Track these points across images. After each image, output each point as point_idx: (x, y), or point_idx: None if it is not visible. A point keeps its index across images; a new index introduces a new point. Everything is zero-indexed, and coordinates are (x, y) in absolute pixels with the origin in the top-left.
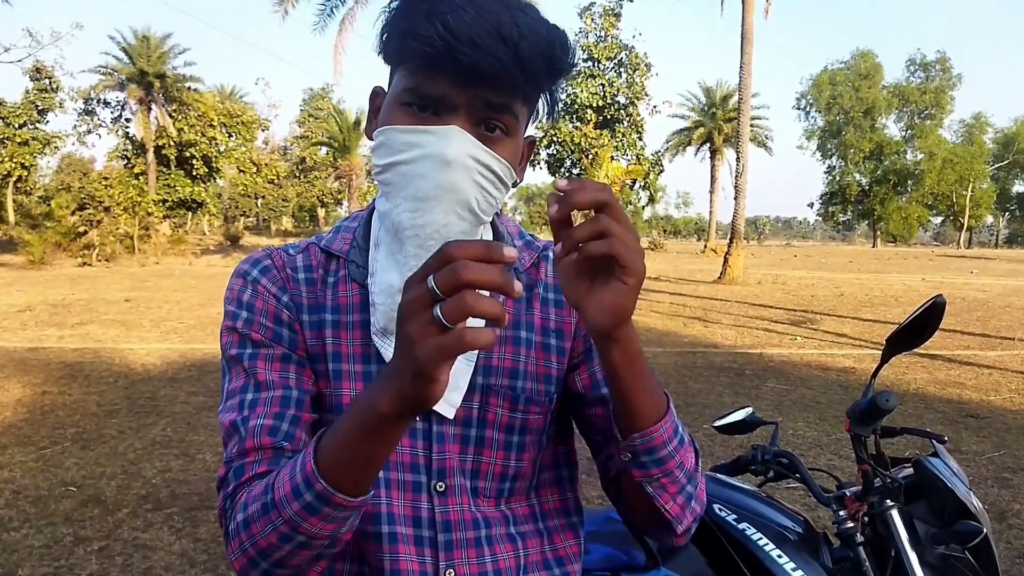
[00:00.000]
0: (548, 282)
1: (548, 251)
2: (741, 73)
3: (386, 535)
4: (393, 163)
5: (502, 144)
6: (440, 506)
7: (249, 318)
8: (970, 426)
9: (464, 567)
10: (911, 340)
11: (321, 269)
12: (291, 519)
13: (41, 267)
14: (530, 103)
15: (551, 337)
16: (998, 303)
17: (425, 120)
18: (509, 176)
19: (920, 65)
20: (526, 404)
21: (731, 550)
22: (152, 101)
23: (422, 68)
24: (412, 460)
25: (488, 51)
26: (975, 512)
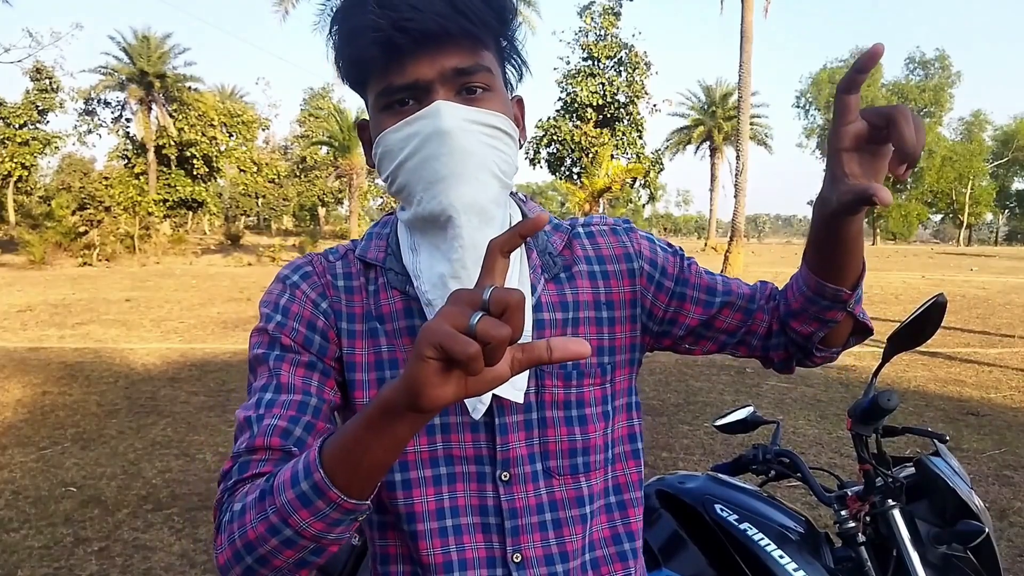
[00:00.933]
0: (589, 256)
1: (577, 228)
2: (741, 71)
3: (451, 528)
4: (400, 163)
5: (488, 100)
6: (506, 495)
7: (282, 322)
8: (970, 424)
9: (531, 551)
10: (912, 339)
11: (361, 277)
12: (283, 507)
13: (42, 267)
14: (495, 52)
15: (602, 310)
16: (998, 300)
17: (410, 112)
18: (511, 128)
19: (919, 63)
20: (579, 379)
21: (732, 550)
22: (152, 101)
23: (384, 63)
24: (476, 453)
25: (429, 11)
26: (977, 511)
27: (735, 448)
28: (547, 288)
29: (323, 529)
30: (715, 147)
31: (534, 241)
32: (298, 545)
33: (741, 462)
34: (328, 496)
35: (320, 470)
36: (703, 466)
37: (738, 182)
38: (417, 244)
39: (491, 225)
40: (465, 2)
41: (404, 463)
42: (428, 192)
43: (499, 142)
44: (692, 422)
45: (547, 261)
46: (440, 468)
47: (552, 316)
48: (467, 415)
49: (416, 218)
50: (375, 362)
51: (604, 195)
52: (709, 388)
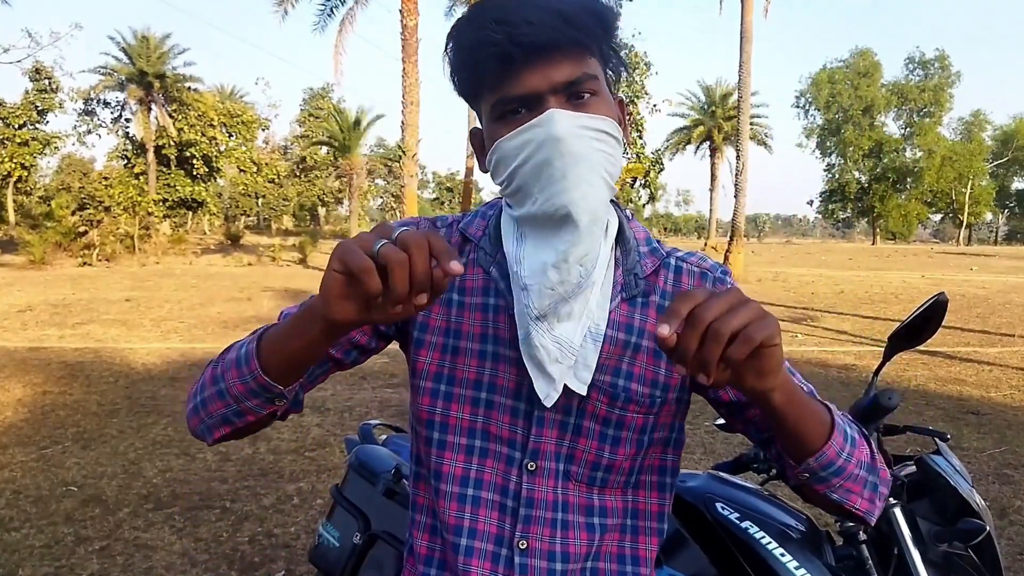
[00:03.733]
0: (667, 290)
1: (671, 258)
2: (740, 71)
3: (471, 497)
4: (515, 169)
5: (595, 104)
6: (527, 483)
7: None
8: (971, 423)
9: (536, 541)
10: (913, 338)
11: (457, 250)
12: (225, 363)
13: (41, 267)
14: (600, 59)
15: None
16: (998, 300)
17: (524, 120)
18: (617, 132)
19: (919, 63)
20: (625, 402)
21: (734, 549)
22: (152, 101)
23: (499, 74)
24: (511, 436)
25: (541, 23)
26: (978, 510)
27: (736, 447)
28: (620, 307)
29: (242, 392)
30: (715, 147)
31: (624, 259)
32: (225, 400)
33: (742, 461)
34: (251, 364)
35: (255, 342)
36: (704, 465)
37: (738, 182)
38: (524, 234)
39: (598, 224)
40: (575, 14)
41: (445, 424)
42: (544, 193)
43: (606, 145)
44: (693, 421)
45: (629, 281)
46: (476, 440)
47: (615, 334)
48: (511, 399)
49: (530, 215)
50: (444, 328)
51: None
52: None
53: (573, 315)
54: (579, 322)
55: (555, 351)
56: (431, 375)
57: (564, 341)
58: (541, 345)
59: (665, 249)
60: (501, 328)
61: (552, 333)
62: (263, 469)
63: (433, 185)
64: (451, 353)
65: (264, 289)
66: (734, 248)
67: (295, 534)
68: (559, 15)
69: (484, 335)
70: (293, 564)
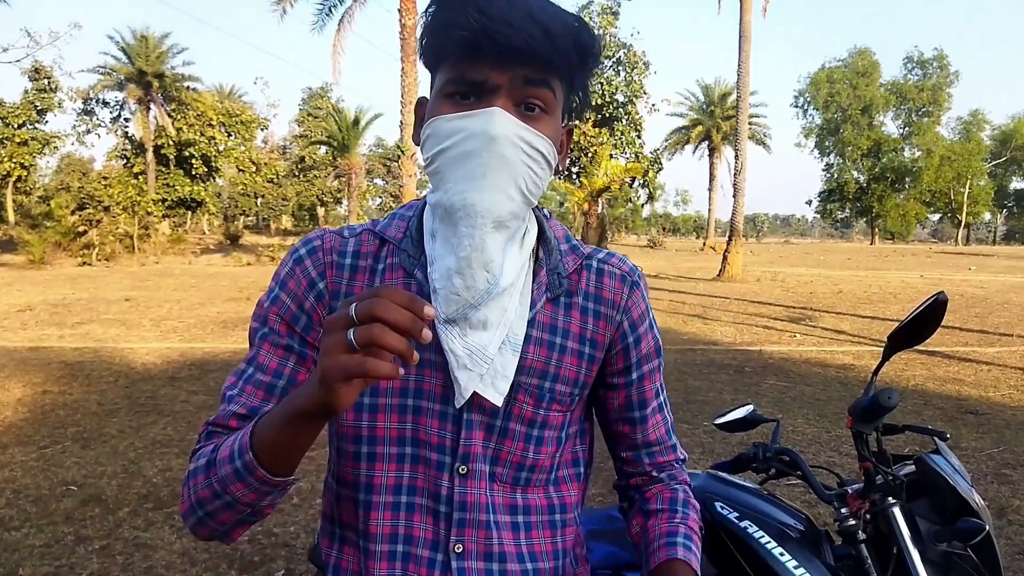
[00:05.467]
0: (589, 291)
1: (592, 259)
2: (739, 71)
3: (404, 504)
4: (441, 151)
5: (542, 122)
6: (459, 487)
7: (276, 296)
8: (969, 422)
9: (472, 544)
10: (913, 337)
11: (371, 258)
12: (222, 479)
13: (41, 267)
14: (564, 84)
15: (585, 345)
16: (996, 299)
17: (469, 107)
18: (552, 156)
19: (918, 63)
20: (549, 403)
21: (733, 548)
22: (151, 101)
23: (462, 55)
24: (440, 441)
25: (522, 30)
26: (977, 509)
27: (735, 447)
28: (545, 308)
29: (256, 498)
30: (714, 147)
31: (546, 259)
32: (236, 508)
33: (741, 460)
34: (256, 474)
35: (249, 452)
36: (703, 464)
37: (736, 181)
38: (436, 231)
39: (502, 233)
40: (557, 34)
41: (373, 437)
42: (457, 185)
43: (536, 164)
44: (691, 421)
45: (553, 280)
46: (406, 448)
47: (540, 335)
48: (438, 403)
49: (439, 204)
50: None
51: (603, 195)
52: (708, 387)
53: (489, 324)
54: (496, 331)
55: (464, 358)
56: None
57: (476, 349)
58: (450, 350)
59: (585, 249)
60: None
61: (464, 339)
62: None
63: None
64: None
65: (263, 289)
66: (732, 248)
67: (295, 533)
68: (541, 28)
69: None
70: (293, 563)
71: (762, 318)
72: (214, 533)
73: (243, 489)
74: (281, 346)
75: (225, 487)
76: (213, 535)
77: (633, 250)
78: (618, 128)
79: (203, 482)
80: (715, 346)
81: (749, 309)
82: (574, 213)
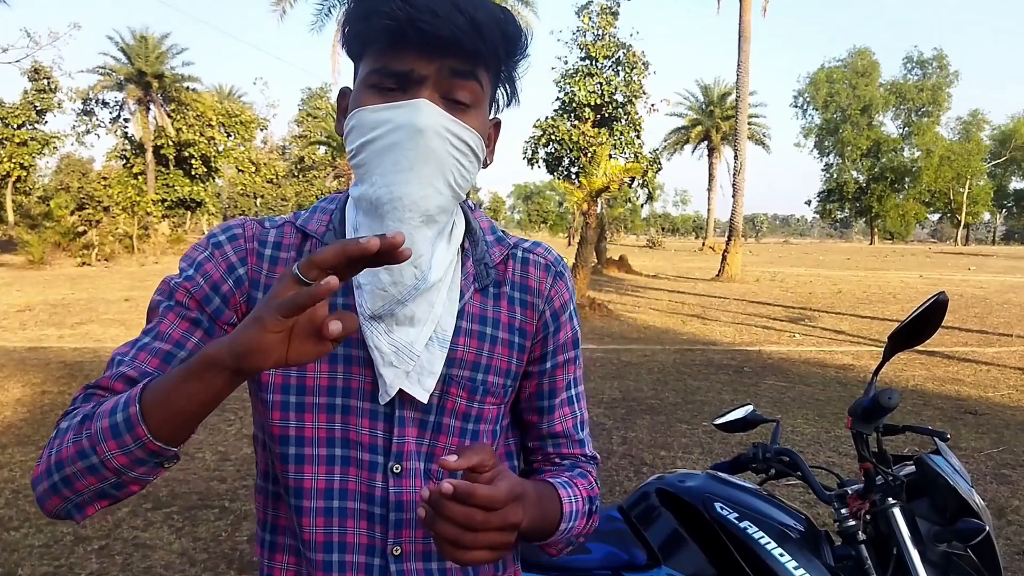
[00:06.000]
0: (515, 281)
1: (518, 249)
2: (739, 71)
3: (336, 509)
4: (366, 142)
5: (469, 115)
6: (394, 487)
7: (190, 276)
8: (968, 422)
9: (411, 545)
10: (913, 337)
11: (293, 250)
12: (95, 433)
13: (40, 267)
14: (492, 76)
15: (515, 335)
16: (996, 300)
17: (394, 98)
18: (480, 149)
19: (917, 62)
20: (483, 395)
21: (732, 548)
22: (151, 101)
23: (386, 46)
24: (371, 441)
25: (447, 19)
26: (977, 510)
27: (734, 447)
28: (473, 298)
29: (126, 464)
30: (713, 147)
31: (472, 249)
32: (100, 474)
33: (741, 460)
34: (136, 432)
35: (136, 404)
36: (702, 464)
37: (736, 181)
38: (359, 225)
39: (431, 227)
40: (483, 24)
41: (300, 438)
42: (384, 178)
43: (464, 157)
44: (691, 421)
45: (480, 271)
46: (336, 449)
47: (470, 326)
48: (368, 401)
49: (364, 198)
50: None
51: (602, 195)
52: (707, 387)
53: (416, 320)
54: (423, 328)
55: (390, 354)
56: (278, 387)
57: (402, 346)
58: (375, 347)
59: (511, 239)
60: None
61: (390, 336)
62: None
63: None
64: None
65: None
66: (732, 248)
67: None
68: (467, 19)
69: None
70: None
71: (761, 318)
72: (64, 505)
73: (116, 449)
74: (188, 319)
75: (95, 444)
76: (61, 509)
77: (632, 250)
78: (617, 128)
79: (72, 438)
80: (714, 346)
81: (748, 309)
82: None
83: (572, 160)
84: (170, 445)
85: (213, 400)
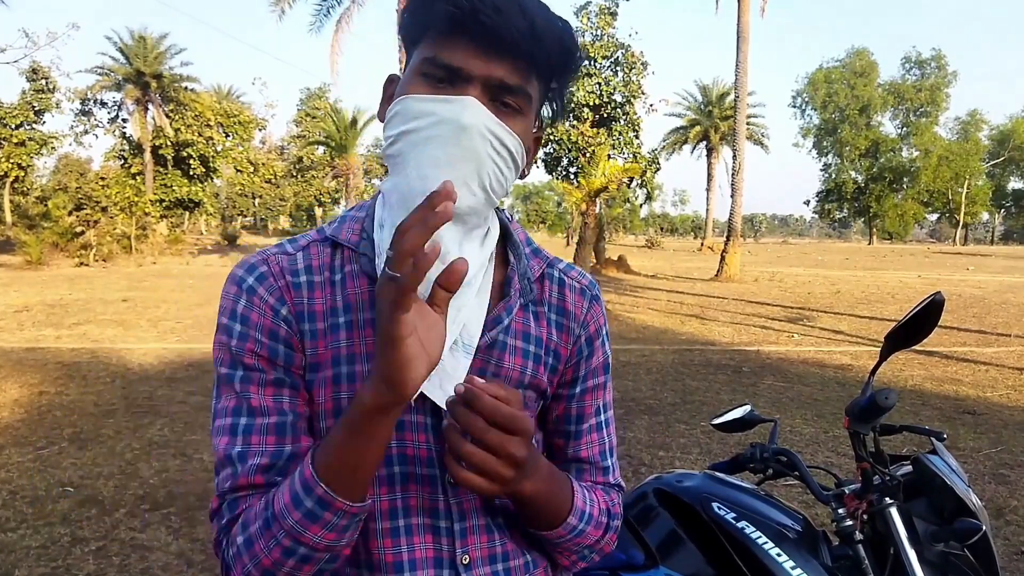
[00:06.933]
0: (552, 303)
1: (554, 269)
2: (737, 71)
3: (403, 528)
4: (405, 131)
5: (515, 120)
6: (454, 497)
7: (243, 333)
8: (967, 422)
9: (477, 551)
10: (910, 337)
11: (327, 270)
12: (292, 529)
13: (38, 267)
14: (542, 87)
15: (550, 356)
16: (994, 299)
17: (442, 90)
18: (521, 156)
19: (915, 63)
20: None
21: (730, 548)
22: (149, 101)
23: (444, 34)
24: (428, 454)
25: (509, 19)
26: (974, 509)
27: (732, 447)
28: (518, 315)
29: (335, 538)
30: (712, 147)
31: (517, 264)
32: (314, 558)
33: (739, 461)
34: (335, 507)
35: (320, 485)
36: (700, 465)
37: (735, 182)
38: (385, 220)
39: (459, 227)
40: (543, 32)
41: None
42: (419, 171)
43: (503, 162)
44: (689, 421)
45: (525, 287)
46: (394, 467)
47: (514, 343)
48: (420, 414)
49: (396, 190)
50: (334, 357)
51: (601, 195)
52: (706, 387)
53: None
54: (448, 329)
55: None
56: (329, 413)
57: None
58: None
59: (546, 254)
60: None
61: None
62: None
63: None
64: (346, 382)
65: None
66: (730, 248)
67: None
68: (528, 23)
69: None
70: None
71: (760, 318)
72: None
73: (320, 532)
74: (269, 383)
75: (298, 537)
76: None
77: (631, 250)
78: (616, 128)
79: (267, 545)
80: (713, 346)
81: (747, 309)
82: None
83: (571, 160)
84: (365, 500)
85: (387, 441)
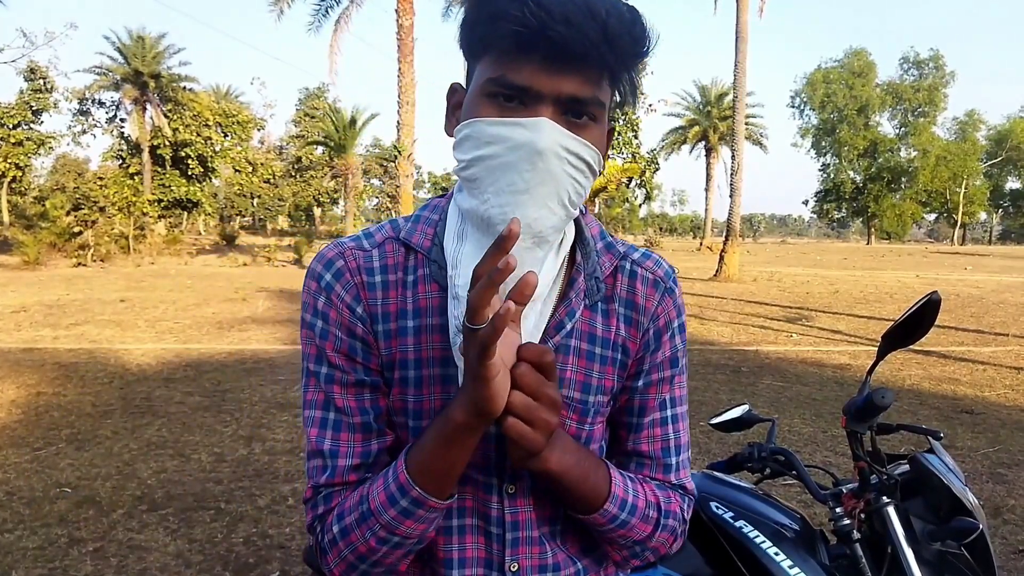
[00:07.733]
0: (622, 296)
1: (627, 260)
2: (736, 71)
3: (456, 527)
4: (480, 157)
5: (589, 131)
6: (509, 507)
7: (324, 330)
8: (965, 422)
9: (527, 561)
10: (907, 337)
11: (400, 270)
12: (388, 523)
13: (36, 268)
14: (615, 85)
15: (618, 352)
16: (992, 299)
17: (512, 111)
18: (598, 164)
19: (913, 63)
20: (594, 416)
21: (729, 548)
22: (147, 101)
23: (510, 53)
24: (485, 462)
25: (580, 28)
26: (971, 508)
27: (730, 446)
28: (583, 316)
29: (426, 528)
30: (710, 147)
31: (584, 263)
32: (405, 546)
33: (737, 460)
34: (428, 505)
35: (415, 488)
36: (699, 464)
37: (733, 182)
38: (466, 233)
39: (542, 248)
40: (617, 33)
41: None
42: (498, 198)
43: (581, 174)
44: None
45: (592, 286)
46: None
47: (579, 345)
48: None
49: (475, 213)
50: (402, 360)
51: (600, 195)
52: (704, 387)
53: None
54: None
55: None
56: (398, 412)
57: None
58: (459, 364)
59: (620, 247)
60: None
61: None
62: (258, 470)
63: (428, 185)
64: (413, 386)
65: (259, 290)
66: (729, 248)
67: (290, 535)
68: (600, 28)
69: (445, 358)
70: (288, 565)
71: (758, 318)
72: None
73: (413, 524)
74: (351, 384)
75: (393, 530)
76: None
77: None
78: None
79: (362, 536)
80: (711, 346)
81: (745, 309)
82: None
83: None
84: (453, 496)
85: (471, 449)
